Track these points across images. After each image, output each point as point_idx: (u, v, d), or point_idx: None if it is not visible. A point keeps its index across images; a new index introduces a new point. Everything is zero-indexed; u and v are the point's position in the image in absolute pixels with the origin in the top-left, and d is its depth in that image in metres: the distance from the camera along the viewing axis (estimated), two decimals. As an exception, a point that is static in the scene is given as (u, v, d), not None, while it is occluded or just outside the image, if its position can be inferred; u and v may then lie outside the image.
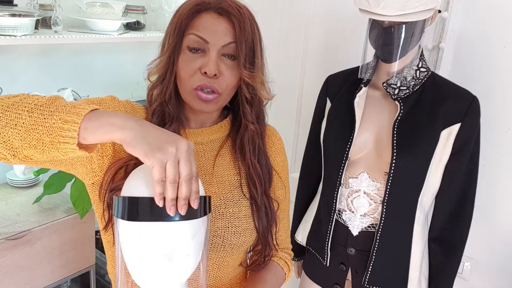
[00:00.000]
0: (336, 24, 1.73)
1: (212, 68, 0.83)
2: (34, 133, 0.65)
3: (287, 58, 1.89)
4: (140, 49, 2.35)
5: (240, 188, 0.94)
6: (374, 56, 1.26)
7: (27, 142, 0.66)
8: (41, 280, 1.76)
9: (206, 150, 0.95)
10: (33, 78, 1.96)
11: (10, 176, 1.97)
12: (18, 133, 0.66)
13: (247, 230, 0.93)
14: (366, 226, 1.27)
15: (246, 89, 0.88)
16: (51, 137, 0.65)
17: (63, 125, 0.65)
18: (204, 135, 0.95)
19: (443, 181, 1.23)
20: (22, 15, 1.56)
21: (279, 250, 1.04)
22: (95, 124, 0.65)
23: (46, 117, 0.65)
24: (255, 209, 0.94)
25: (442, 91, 1.21)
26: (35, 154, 0.67)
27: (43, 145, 0.66)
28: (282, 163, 1.04)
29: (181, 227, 0.69)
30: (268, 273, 0.99)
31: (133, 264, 0.72)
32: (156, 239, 0.69)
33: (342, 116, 1.29)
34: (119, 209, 0.69)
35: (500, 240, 1.47)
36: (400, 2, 1.06)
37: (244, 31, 0.84)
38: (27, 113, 0.66)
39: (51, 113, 0.66)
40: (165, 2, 2.12)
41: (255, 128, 0.93)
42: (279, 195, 1.01)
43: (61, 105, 0.67)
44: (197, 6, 0.85)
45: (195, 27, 0.84)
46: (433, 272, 1.31)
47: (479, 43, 1.41)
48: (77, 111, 0.65)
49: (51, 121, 0.65)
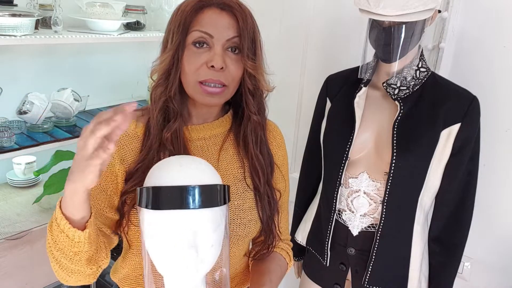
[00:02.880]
0: (336, 24, 1.73)
1: (219, 61, 0.86)
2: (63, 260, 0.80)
3: (287, 58, 1.89)
4: (140, 49, 2.35)
5: (244, 181, 0.97)
6: (374, 56, 1.26)
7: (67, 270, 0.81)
8: (41, 280, 1.76)
9: (210, 145, 0.97)
10: (33, 78, 1.96)
11: (10, 176, 1.97)
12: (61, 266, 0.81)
13: (252, 221, 0.97)
14: (366, 226, 1.27)
15: (249, 80, 0.92)
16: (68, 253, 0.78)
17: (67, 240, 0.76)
18: (206, 130, 0.97)
19: (443, 181, 1.23)
20: (22, 15, 1.56)
21: (280, 241, 1.07)
22: (68, 210, 0.74)
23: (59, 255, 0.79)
24: (258, 200, 0.97)
25: (442, 91, 1.21)
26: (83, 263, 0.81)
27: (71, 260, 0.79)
28: (282, 157, 1.07)
29: (203, 215, 0.72)
30: (273, 263, 1.02)
31: (158, 256, 0.75)
32: (179, 228, 0.72)
33: (342, 116, 1.29)
34: (143, 199, 0.72)
35: (500, 240, 1.47)
36: (400, 2, 1.06)
37: (246, 24, 0.88)
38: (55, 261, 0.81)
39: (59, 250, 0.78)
40: (165, 2, 2.12)
41: (257, 119, 0.96)
42: (280, 187, 1.05)
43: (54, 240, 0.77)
44: (200, 3, 0.88)
45: (199, 23, 0.87)
46: (433, 272, 1.31)
47: (479, 43, 1.41)
48: (58, 225, 0.75)
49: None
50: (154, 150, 0.91)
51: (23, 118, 1.76)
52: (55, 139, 1.75)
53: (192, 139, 0.96)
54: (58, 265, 0.81)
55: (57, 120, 1.88)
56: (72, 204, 0.73)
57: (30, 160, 1.95)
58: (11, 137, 1.62)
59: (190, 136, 0.96)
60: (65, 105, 1.84)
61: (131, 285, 1.00)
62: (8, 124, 1.75)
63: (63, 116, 1.88)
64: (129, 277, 1.00)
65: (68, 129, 1.86)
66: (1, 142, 1.59)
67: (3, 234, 1.63)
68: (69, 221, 0.74)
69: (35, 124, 1.77)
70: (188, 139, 0.95)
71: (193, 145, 0.96)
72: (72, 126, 1.89)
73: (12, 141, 1.62)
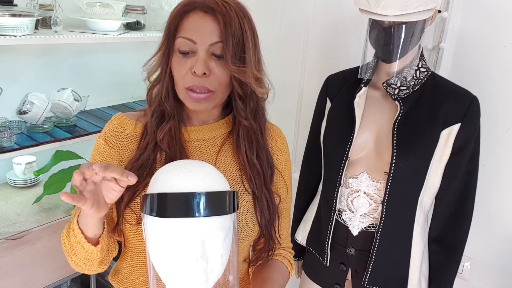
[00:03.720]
0: (336, 24, 1.73)
1: (200, 67, 0.84)
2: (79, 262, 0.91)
3: (287, 58, 1.89)
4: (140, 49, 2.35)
5: (242, 184, 0.96)
6: (374, 56, 1.26)
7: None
8: (41, 280, 1.76)
9: (208, 146, 0.97)
10: (33, 78, 1.96)
11: (10, 176, 1.97)
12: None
13: (249, 224, 0.94)
14: (366, 226, 1.27)
15: (237, 85, 0.88)
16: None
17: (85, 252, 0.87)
18: (205, 132, 0.97)
19: (443, 181, 1.23)
20: (22, 15, 1.56)
21: (281, 249, 1.05)
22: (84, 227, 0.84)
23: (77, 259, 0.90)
24: (257, 204, 0.95)
25: (442, 91, 1.21)
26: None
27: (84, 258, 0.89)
28: (285, 162, 1.05)
29: (212, 224, 0.70)
30: (274, 272, 1.00)
31: (164, 266, 0.72)
32: (187, 237, 0.69)
33: (342, 116, 1.29)
34: (148, 206, 0.71)
35: (500, 240, 1.47)
36: (400, 2, 1.06)
37: (230, 27, 0.84)
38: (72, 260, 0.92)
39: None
40: (165, 2, 2.12)
41: (249, 124, 0.93)
42: (281, 193, 1.02)
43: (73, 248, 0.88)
44: (185, 7, 0.87)
45: (183, 29, 0.86)
46: (433, 272, 1.31)
47: (479, 43, 1.41)
48: (77, 240, 0.85)
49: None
50: (149, 150, 0.91)
51: (23, 118, 1.76)
52: (55, 139, 1.75)
53: (191, 139, 0.96)
54: (73, 262, 0.91)
55: (57, 120, 1.88)
56: (86, 223, 0.82)
57: (30, 160, 1.95)
58: (11, 137, 1.62)
59: (188, 137, 0.95)
60: (65, 105, 1.84)
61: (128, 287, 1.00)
62: (8, 124, 1.75)
63: (63, 116, 1.88)
64: (127, 279, 1.00)
65: (68, 129, 1.86)
66: (1, 142, 1.59)
67: (3, 234, 1.63)
68: (84, 234, 0.84)
69: (35, 124, 1.77)
70: (186, 140, 0.95)
71: (191, 146, 0.95)
72: (72, 126, 1.89)
73: (12, 141, 1.62)
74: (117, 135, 0.95)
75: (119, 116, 0.98)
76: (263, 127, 0.97)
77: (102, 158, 0.94)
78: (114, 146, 0.94)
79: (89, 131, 1.87)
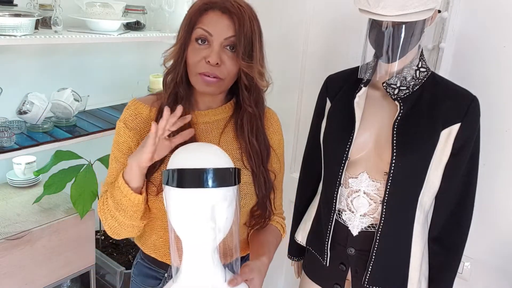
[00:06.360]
0: (336, 24, 1.73)
1: (214, 57, 0.99)
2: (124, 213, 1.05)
3: (287, 58, 1.89)
4: (140, 49, 2.35)
5: (242, 161, 1.12)
6: (374, 56, 1.26)
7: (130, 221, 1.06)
8: (41, 280, 1.77)
9: (213, 128, 1.12)
10: (33, 78, 1.97)
11: (10, 176, 1.97)
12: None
13: (248, 194, 1.11)
14: (366, 226, 1.27)
15: (244, 77, 1.05)
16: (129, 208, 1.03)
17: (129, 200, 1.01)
18: (210, 115, 1.12)
19: (443, 181, 1.23)
20: (22, 15, 1.56)
21: (275, 215, 1.23)
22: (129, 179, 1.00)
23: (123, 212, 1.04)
24: (255, 178, 1.12)
25: (442, 91, 1.21)
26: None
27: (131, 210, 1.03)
28: (278, 141, 1.21)
29: (219, 193, 0.87)
30: (269, 235, 1.18)
31: (182, 226, 0.90)
32: (200, 203, 0.87)
33: (342, 116, 1.29)
34: (169, 179, 0.88)
35: (500, 240, 1.47)
36: (400, 2, 1.06)
37: (243, 28, 0.99)
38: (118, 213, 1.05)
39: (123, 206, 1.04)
40: (165, 2, 2.12)
41: (252, 111, 1.10)
42: (275, 168, 1.19)
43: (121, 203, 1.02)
44: (205, 5, 1.01)
45: (202, 22, 1.01)
46: (433, 272, 1.31)
47: (479, 43, 1.41)
48: (126, 192, 1.00)
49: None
50: None
51: (23, 118, 1.76)
52: (55, 139, 1.75)
53: (198, 122, 1.10)
54: (117, 223, 1.04)
55: (57, 120, 1.88)
56: (130, 175, 0.98)
57: (30, 160, 1.95)
58: (11, 137, 1.62)
59: (196, 120, 1.10)
60: (65, 105, 1.84)
61: (150, 248, 1.17)
62: (8, 124, 1.75)
63: (63, 116, 1.88)
64: (148, 240, 1.16)
65: (68, 129, 1.86)
66: (1, 142, 1.59)
67: (3, 234, 1.63)
68: (130, 187, 0.98)
69: (35, 124, 1.77)
70: (194, 123, 1.09)
71: (197, 128, 1.10)
72: (72, 126, 1.89)
73: (12, 141, 1.62)
74: (134, 119, 1.10)
75: (135, 102, 1.12)
76: (263, 114, 1.13)
77: (124, 139, 1.09)
78: (133, 129, 1.09)
79: (89, 131, 1.87)
